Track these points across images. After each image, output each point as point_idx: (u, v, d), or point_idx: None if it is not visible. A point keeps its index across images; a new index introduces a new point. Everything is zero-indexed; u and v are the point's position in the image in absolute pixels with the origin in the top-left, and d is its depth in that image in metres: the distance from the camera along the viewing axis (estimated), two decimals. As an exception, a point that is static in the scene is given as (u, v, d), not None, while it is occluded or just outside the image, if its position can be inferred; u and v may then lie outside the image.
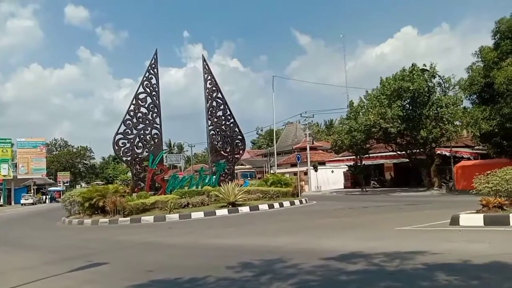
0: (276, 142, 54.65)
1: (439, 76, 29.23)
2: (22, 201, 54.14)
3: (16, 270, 8.19)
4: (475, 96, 28.72)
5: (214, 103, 25.34)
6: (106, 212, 19.17)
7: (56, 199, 58.99)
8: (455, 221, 9.99)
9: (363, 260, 6.55)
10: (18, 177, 61.24)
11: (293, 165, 43.64)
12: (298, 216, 16.73)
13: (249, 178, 33.44)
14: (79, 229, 17.57)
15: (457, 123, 29.30)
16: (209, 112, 25.05)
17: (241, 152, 26.72)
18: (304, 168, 41.77)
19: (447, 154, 30.54)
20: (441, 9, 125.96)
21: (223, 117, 25.54)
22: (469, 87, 27.91)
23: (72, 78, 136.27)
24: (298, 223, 14.09)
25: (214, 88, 25.50)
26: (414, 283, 5.17)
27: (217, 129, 25.26)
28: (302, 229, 12.12)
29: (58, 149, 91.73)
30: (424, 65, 29.14)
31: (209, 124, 25.02)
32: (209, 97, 25.21)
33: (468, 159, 31.06)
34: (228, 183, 21.44)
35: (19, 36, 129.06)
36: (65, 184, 71.22)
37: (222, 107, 25.61)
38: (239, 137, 26.11)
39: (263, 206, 20.17)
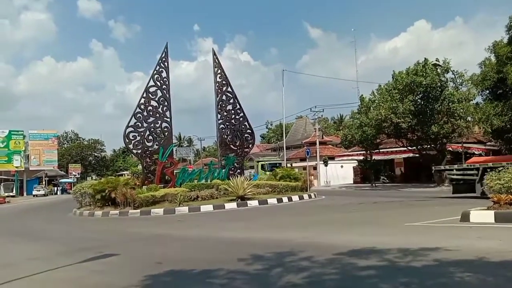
0: (286, 136, 54.58)
1: (452, 71, 28.91)
2: (34, 192, 54.94)
3: (28, 260, 8.30)
4: (488, 91, 28.39)
5: (224, 97, 25.36)
6: (117, 204, 19.36)
7: (67, 190, 59.68)
8: (465, 217, 9.91)
9: (374, 255, 6.53)
10: (30, 168, 62.08)
11: (303, 159, 43.55)
12: (307, 210, 16.75)
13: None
14: (90, 221, 17.77)
15: (469, 118, 29.00)
16: (219, 106, 25.08)
17: (250, 146, 26.76)
18: (313, 163, 41.70)
19: (459, 150, 30.28)
20: (455, 3, 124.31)
21: (232, 111, 25.56)
22: (482, 82, 27.60)
23: (84, 71, 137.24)
24: (307, 217, 14.11)
25: (224, 82, 25.51)
26: (427, 279, 5.14)
27: (227, 123, 25.30)
28: (311, 223, 12.13)
29: (69, 142, 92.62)
30: (437, 59, 28.82)
31: (219, 118, 25.06)
32: (219, 91, 25.23)
33: (480, 155, 30.72)
34: (237, 177, 21.50)
35: (32, 29, 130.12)
36: (76, 176, 71.99)
37: (231, 101, 25.62)
38: (249, 131, 26.12)
39: (272, 200, 20.20)
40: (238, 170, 24.65)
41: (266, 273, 5.91)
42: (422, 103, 29.23)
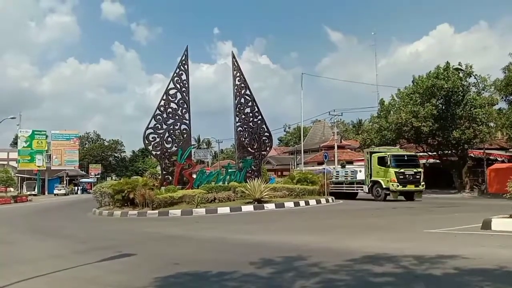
0: (304, 140, 54.37)
1: (474, 75, 28.39)
2: (55, 191, 56.12)
3: (48, 258, 8.47)
4: (512, 97, 27.76)
5: (242, 100, 25.44)
6: (135, 204, 19.58)
7: (87, 190, 60.76)
8: (486, 225, 9.69)
9: (390, 262, 6.44)
10: (52, 168, 63.40)
11: (320, 163, 43.26)
12: (324, 215, 16.64)
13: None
14: (109, 220, 18.01)
15: (491, 124, 28.43)
16: (237, 109, 25.16)
17: (268, 149, 26.75)
18: (331, 167, 41.40)
19: (480, 156, 29.68)
20: (479, 7, 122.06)
21: (251, 114, 25.61)
22: (505, 87, 26.99)
23: (106, 73, 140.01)
24: (323, 222, 14.01)
25: (242, 85, 25.59)
26: (446, 287, 5.06)
27: (245, 126, 25.35)
28: (328, 228, 12.05)
29: (91, 142, 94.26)
30: (460, 64, 28.36)
31: (237, 120, 25.14)
32: (238, 93, 25.32)
33: (502, 161, 30.07)
34: (254, 179, 21.50)
35: (57, 31, 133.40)
36: (96, 176, 73.13)
37: (250, 104, 25.67)
38: (267, 134, 26.13)
39: (289, 204, 20.13)
40: (256, 173, 24.65)
41: (280, 277, 5.91)
42: (443, 107, 28.79)
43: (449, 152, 30.85)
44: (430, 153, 32.84)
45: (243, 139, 25.29)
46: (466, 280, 5.26)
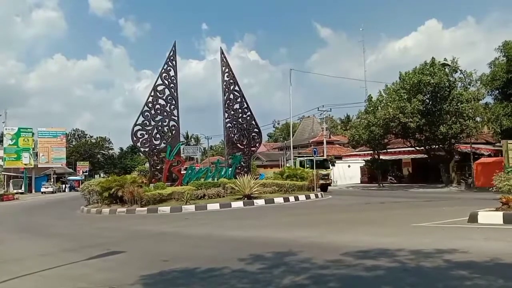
0: (293, 136, 54.48)
1: (460, 70, 28.66)
2: (42, 189, 55.36)
3: (36, 256, 8.38)
4: (497, 91, 28.12)
5: (231, 96, 25.36)
6: (124, 201, 19.43)
7: (75, 188, 60.12)
8: (473, 218, 9.82)
9: (380, 256, 6.48)
10: (39, 166, 62.54)
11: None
12: (313, 210, 16.70)
13: None
14: (97, 218, 17.85)
15: (478, 119, 28.75)
16: (226, 105, 25.09)
17: (257, 145, 26.73)
18: (320, 162, 41.54)
19: (467, 150, 30.03)
20: (466, 2, 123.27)
21: (240, 110, 25.56)
22: (491, 82, 27.34)
23: (94, 69, 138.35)
24: (313, 217, 14.07)
25: (231, 81, 25.51)
26: (435, 280, 5.10)
27: (234, 122, 25.29)
28: (317, 223, 12.09)
29: (77, 139, 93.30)
30: (445, 59, 28.59)
31: (226, 116, 25.06)
32: (227, 89, 25.24)
33: (489, 156, 30.46)
34: (243, 175, 21.49)
35: (44, 27, 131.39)
36: (84, 173, 72.41)
37: (239, 100, 25.61)
38: (256, 130, 26.10)
39: (279, 199, 20.17)
40: (245, 169, 24.63)
41: (270, 272, 5.90)
42: (430, 103, 29.02)
43: (437, 147, 31.15)
44: (417, 148, 33.15)
45: (232, 135, 25.25)
46: (455, 273, 5.31)
